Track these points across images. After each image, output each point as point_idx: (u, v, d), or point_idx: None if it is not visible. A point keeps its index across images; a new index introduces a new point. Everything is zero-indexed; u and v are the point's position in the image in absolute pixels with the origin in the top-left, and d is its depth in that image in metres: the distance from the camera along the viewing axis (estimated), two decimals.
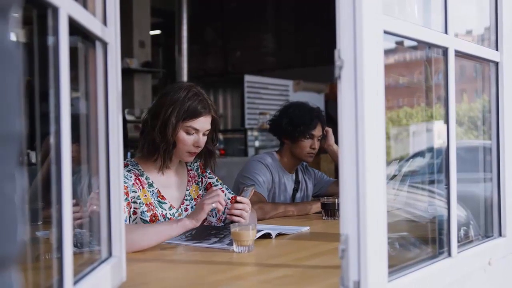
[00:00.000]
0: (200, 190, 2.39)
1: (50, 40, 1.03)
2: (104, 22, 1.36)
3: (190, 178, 2.38)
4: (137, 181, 2.18)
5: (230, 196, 2.40)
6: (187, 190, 2.35)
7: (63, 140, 1.02)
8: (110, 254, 1.39)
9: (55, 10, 1.01)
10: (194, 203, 2.34)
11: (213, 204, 1.99)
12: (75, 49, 1.25)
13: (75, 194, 1.08)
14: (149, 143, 2.20)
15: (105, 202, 1.38)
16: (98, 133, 1.37)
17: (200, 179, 2.42)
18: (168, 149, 2.19)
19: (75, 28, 1.13)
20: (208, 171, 2.45)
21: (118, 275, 1.40)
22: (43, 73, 1.05)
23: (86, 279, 1.18)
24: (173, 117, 2.15)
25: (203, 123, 2.22)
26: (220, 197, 2.01)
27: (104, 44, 1.36)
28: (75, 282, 1.10)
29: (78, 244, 1.37)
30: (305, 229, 2.36)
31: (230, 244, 1.91)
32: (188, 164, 2.40)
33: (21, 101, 0.59)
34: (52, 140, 1.03)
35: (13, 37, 0.59)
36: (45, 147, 1.20)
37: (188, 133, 2.19)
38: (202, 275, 1.62)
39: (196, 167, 2.43)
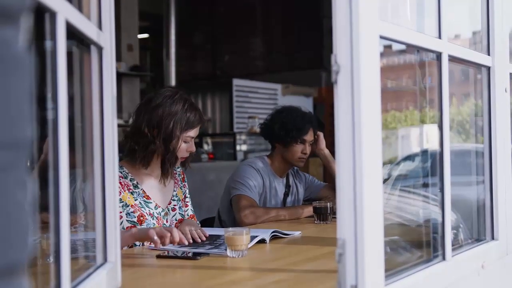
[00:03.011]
0: (183, 194, 2.48)
1: (47, 44, 1.03)
2: (99, 27, 1.36)
3: (176, 180, 2.47)
4: (119, 184, 2.20)
5: (190, 213, 2.48)
6: (174, 191, 2.43)
7: (61, 144, 1.01)
8: (105, 259, 1.38)
9: (53, 14, 1.00)
10: (181, 203, 2.44)
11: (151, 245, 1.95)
12: (69, 54, 1.24)
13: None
14: (150, 154, 2.25)
15: (100, 208, 1.38)
16: (93, 138, 1.36)
17: (183, 185, 2.51)
18: (172, 161, 2.27)
19: (71, 33, 1.13)
20: (184, 183, 2.53)
21: (114, 281, 1.39)
22: (39, 77, 1.04)
23: (83, 285, 1.17)
24: (177, 130, 2.24)
25: (198, 131, 2.34)
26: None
27: (100, 49, 1.36)
28: None
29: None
30: (297, 233, 2.36)
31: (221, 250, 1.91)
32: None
33: (32, 108, 0.59)
34: (49, 145, 1.03)
35: (23, 43, 0.59)
36: (39, 151, 1.19)
37: (185, 142, 2.29)
38: (197, 281, 1.61)
39: (178, 173, 2.51)
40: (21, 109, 0.56)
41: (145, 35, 10.12)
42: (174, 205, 2.40)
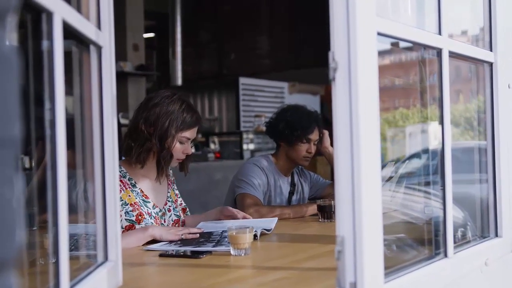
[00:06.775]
0: (175, 196, 2.53)
1: (44, 44, 1.03)
2: (98, 26, 1.36)
3: (169, 182, 2.51)
4: (120, 182, 2.23)
5: (182, 207, 2.52)
6: (168, 192, 2.47)
7: (58, 145, 1.02)
8: (106, 258, 1.38)
9: (50, 14, 1.01)
10: (174, 205, 2.48)
11: (182, 236, 2.14)
12: (68, 53, 1.25)
13: (70, 200, 1.08)
14: (145, 151, 2.29)
15: (101, 207, 1.38)
16: (93, 138, 1.37)
17: (174, 186, 2.55)
18: (167, 159, 2.30)
19: (69, 32, 1.13)
20: (174, 184, 2.57)
21: (114, 279, 1.40)
22: (37, 77, 1.05)
23: (83, 283, 1.18)
24: (173, 129, 2.28)
25: (194, 132, 2.37)
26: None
27: (99, 48, 1.36)
28: (72, 286, 1.10)
29: (72, 247, 1.36)
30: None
31: (228, 246, 1.91)
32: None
33: (19, 106, 0.60)
34: (47, 145, 1.03)
35: (10, 41, 0.59)
36: (40, 152, 1.20)
37: (181, 142, 2.33)
38: (199, 279, 1.61)
39: (171, 175, 2.55)
40: (9, 108, 0.57)
41: (151, 35, 10.13)
42: (169, 206, 2.44)
